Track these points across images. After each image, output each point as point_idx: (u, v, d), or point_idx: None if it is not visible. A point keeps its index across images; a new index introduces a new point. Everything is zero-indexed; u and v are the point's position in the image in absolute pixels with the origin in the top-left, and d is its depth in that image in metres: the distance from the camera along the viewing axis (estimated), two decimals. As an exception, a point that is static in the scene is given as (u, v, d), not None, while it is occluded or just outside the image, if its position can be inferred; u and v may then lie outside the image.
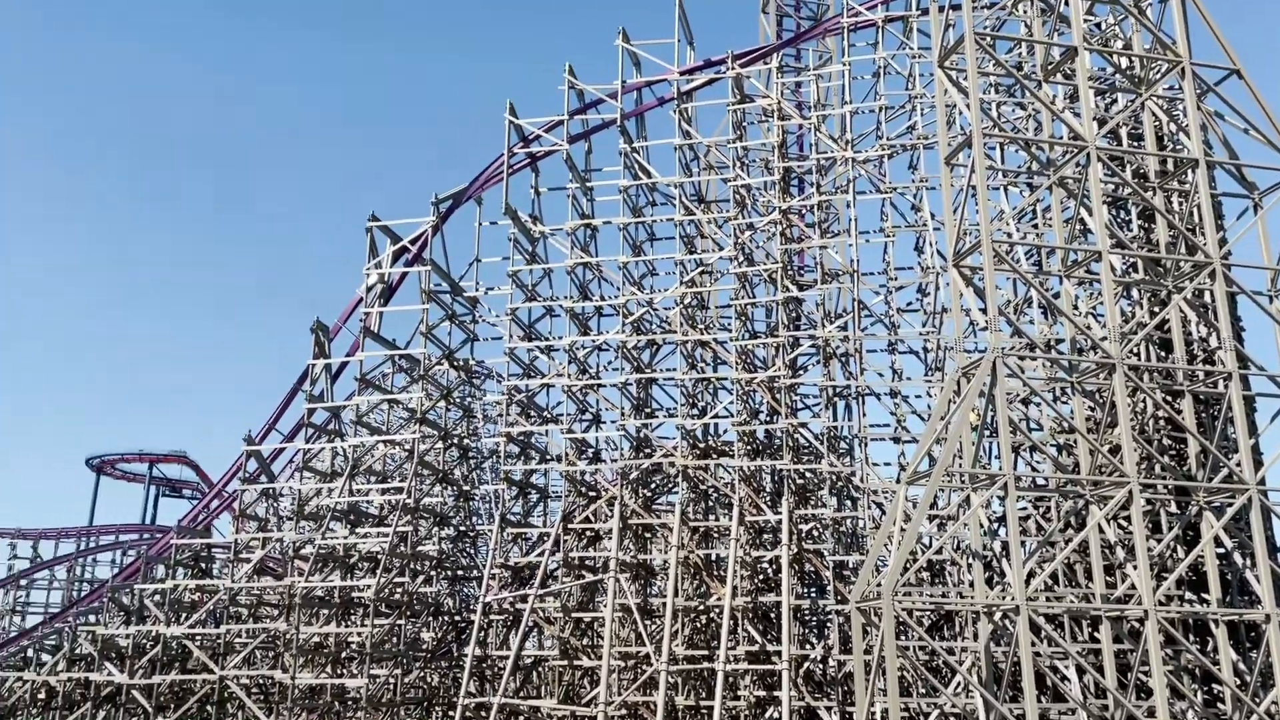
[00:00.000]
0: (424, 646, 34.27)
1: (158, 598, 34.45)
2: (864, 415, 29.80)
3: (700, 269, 32.46)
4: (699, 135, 34.24)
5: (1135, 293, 26.50)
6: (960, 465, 20.40)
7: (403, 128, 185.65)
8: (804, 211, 33.37)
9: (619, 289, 33.06)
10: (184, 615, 34.83)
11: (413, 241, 36.17)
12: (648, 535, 32.74)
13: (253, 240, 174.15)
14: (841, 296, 33.01)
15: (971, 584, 27.34)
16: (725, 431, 32.83)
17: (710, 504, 32.22)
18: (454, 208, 36.68)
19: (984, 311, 20.47)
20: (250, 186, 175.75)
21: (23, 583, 58.11)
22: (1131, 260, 25.95)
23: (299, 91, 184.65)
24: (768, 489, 31.83)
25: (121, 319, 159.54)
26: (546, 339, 34.54)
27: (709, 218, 33.91)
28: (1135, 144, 27.98)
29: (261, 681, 33.59)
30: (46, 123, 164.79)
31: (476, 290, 36.85)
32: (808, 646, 29.84)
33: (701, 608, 30.02)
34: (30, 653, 39.31)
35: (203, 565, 37.32)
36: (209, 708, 32.19)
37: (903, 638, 22.63)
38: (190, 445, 74.43)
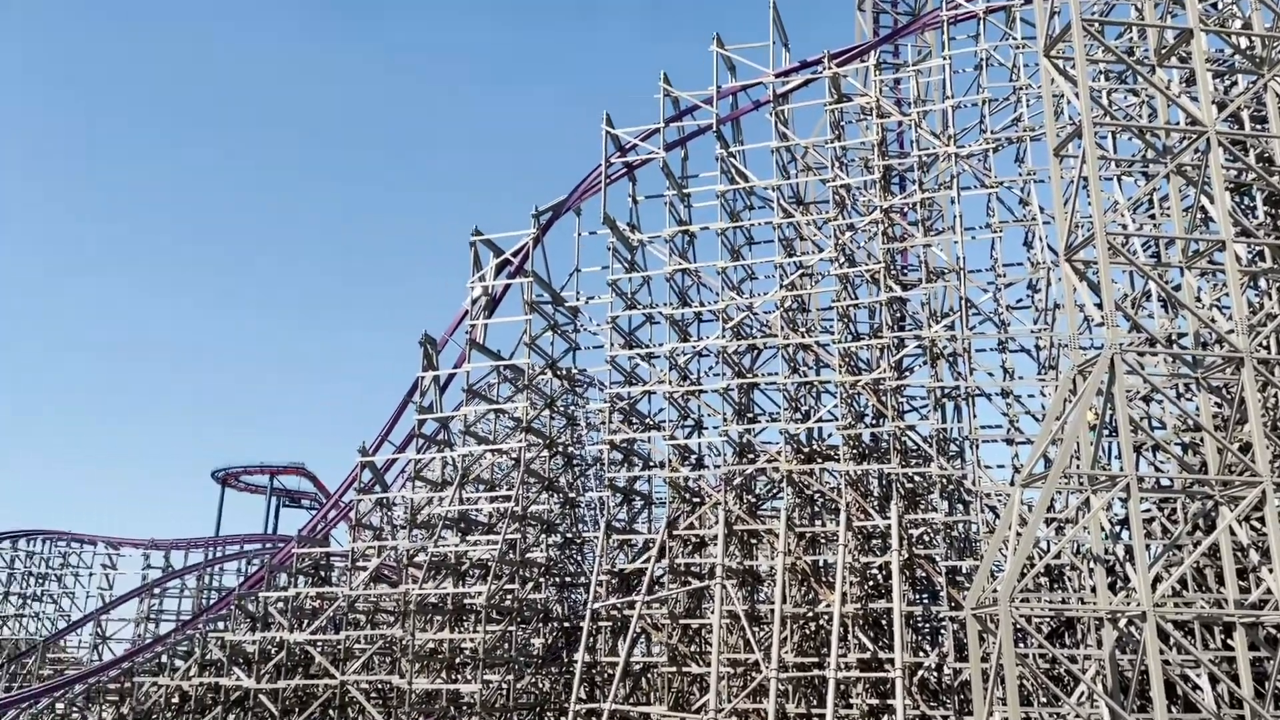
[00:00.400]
0: (535, 652, 34.76)
1: (281, 605, 35.80)
2: (974, 416, 29.01)
3: (800, 271, 32.18)
4: (796, 137, 33.98)
5: (1263, 282, 25.16)
6: (1078, 466, 19.70)
7: (502, 141, 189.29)
8: (906, 210, 32.74)
9: (718, 294, 33.04)
10: (306, 622, 36.14)
11: (514, 254, 36.84)
12: (753, 541, 32.54)
13: (364, 255, 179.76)
14: (948, 295, 32.28)
15: (1093, 589, 26.38)
16: (830, 435, 32.44)
17: (816, 509, 31.86)
18: (554, 219, 37.25)
19: (1099, 306, 19.71)
20: (365, 201, 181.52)
21: (156, 591, 61.13)
22: (1258, 248, 24.66)
23: (405, 109, 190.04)
24: (875, 493, 31.30)
25: (242, 336, 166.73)
26: (647, 346, 34.72)
27: (808, 220, 33.60)
28: (1258, 127, 26.59)
29: (380, 686, 34.57)
30: (186, 151, 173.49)
31: (577, 300, 37.34)
32: (921, 654, 29.21)
33: (810, 614, 29.68)
34: (164, 658, 41.24)
35: (322, 573, 38.63)
36: (331, 712, 33.29)
37: (1021, 645, 21.94)
38: (308, 457, 77.22)
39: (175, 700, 37.36)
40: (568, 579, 38.39)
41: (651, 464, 35.84)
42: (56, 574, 63.88)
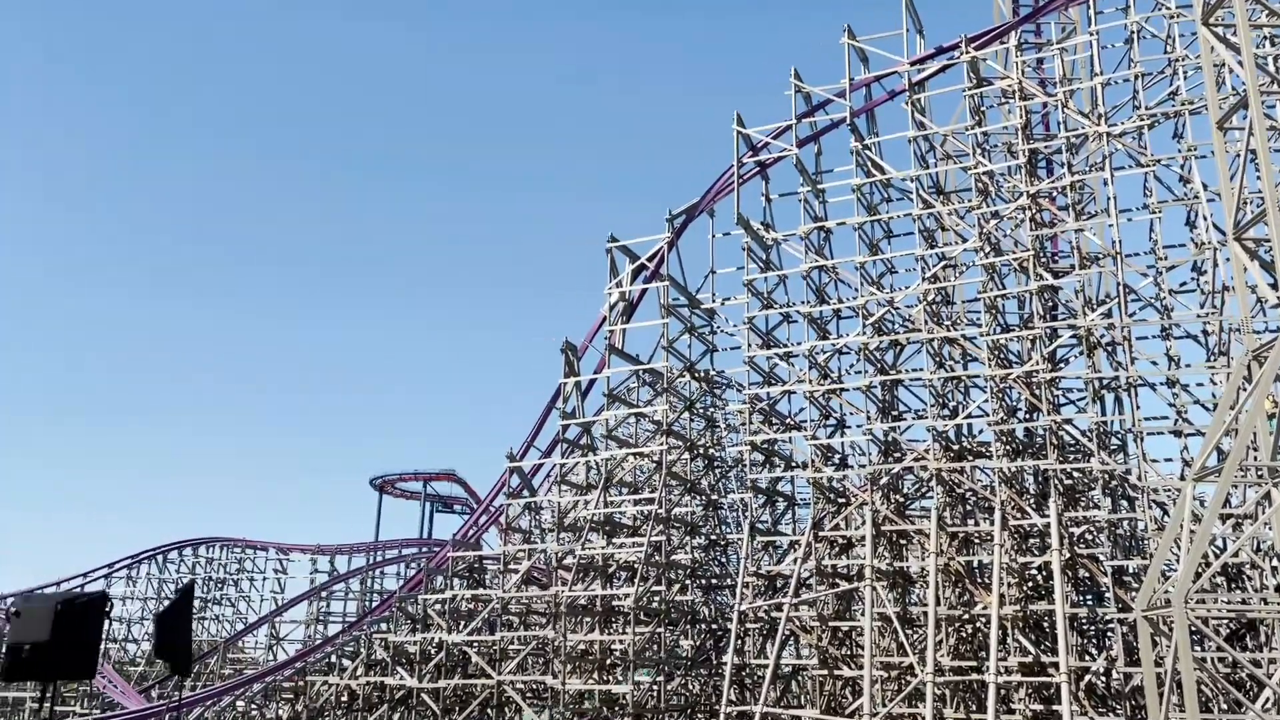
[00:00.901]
0: (684, 654, 34.91)
1: (439, 607, 37.14)
2: (1137, 408, 27.46)
3: (943, 263, 31.24)
4: (934, 125, 33.02)
5: None
6: (1255, 458, 18.43)
7: (634, 143, 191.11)
8: (1054, 194, 31.32)
9: (857, 290, 32.39)
10: (462, 623, 37.40)
11: (650, 258, 37.16)
12: (903, 542, 31.75)
13: (506, 263, 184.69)
14: (1103, 281, 30.74)
15: (1277, 588, 24.56)
16: (981, 432, 31.34)
17: (969, 508, 30.84)
18: (687, 222, 37.39)
19: (1274, 287, 18.42)
20: (502, 208, 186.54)
21: (323, 594, 64.50)
22: None
23: (540, 124, 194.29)
24: (1031, 491, 30.07)
25: (393, 348, 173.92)
26: (785, 345, 34.37)
27: (949, 209, 32.57)
28: None
29: (535, 686, 35.40)
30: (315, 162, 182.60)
31: (713, 301, 37.35)
32: (1087, 658, 27.88)
33: (966, 616, 28.75)
34: (333, 658, 43.40)
35: (476, 576, 39.88)
36: (489, 711, 34.32)
37: (1198, 648, 20.68)
38: (457, 463, 79.90)
39: (345, 699, 39.25)
40: (713, 581, 38.40)
41: (794, 464, 35.44)
42: (234, 578, 68.08)
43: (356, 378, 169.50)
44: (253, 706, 45.40)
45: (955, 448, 30.64)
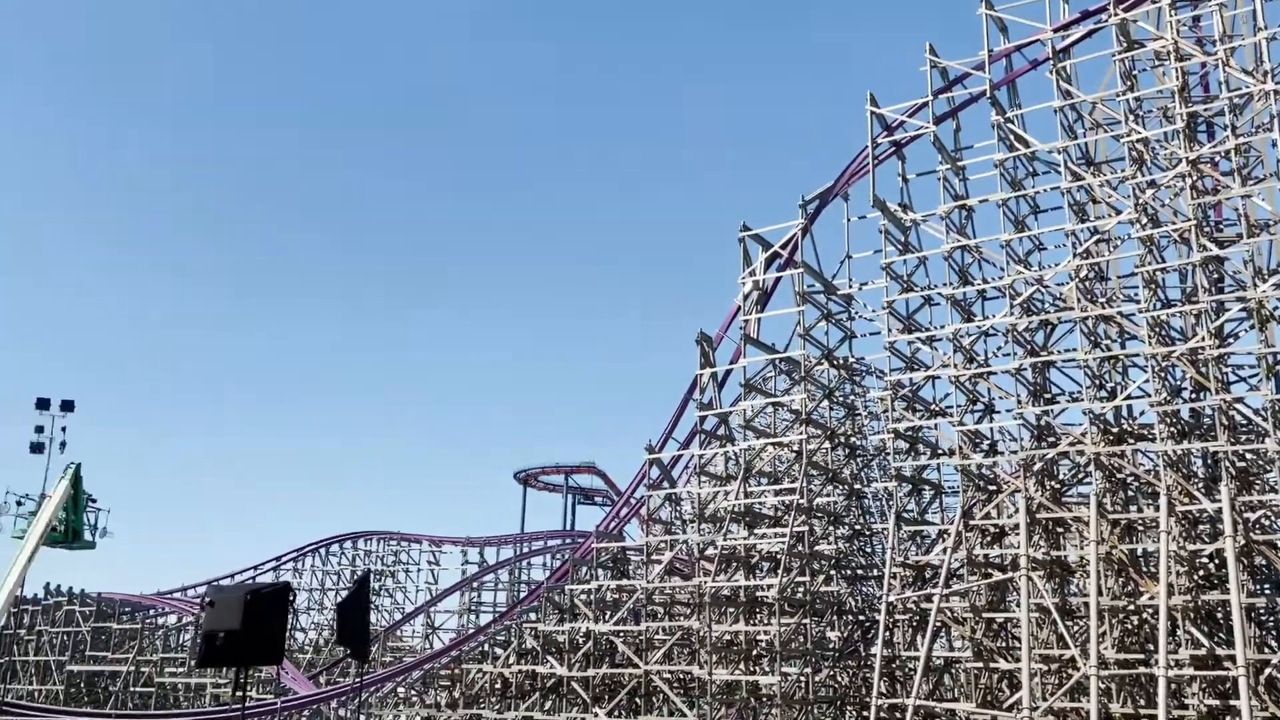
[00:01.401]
0: (831, 645, 34.52)
1: (585, 597, 37.88)
2: (1318, 384, 25.55)
3: (1096, 238, 29.75)
4: (1081, 93, 31.46)
5: None
6: None
7: (766, 132, 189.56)
8: (1217, 159, 29.36)
9: (1002, 269, 31.21)
10: (608, 613, 38.03)
11: (783, 246, 36.82)
12: (1059, 530, 30.46)
13: (637, 254, 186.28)
14: (1275, 249, 28.66)
15: None
16: (1142, 413, 29.67)
17: (1131, 493, 29.33)
18: (821, 207, 36.89)
19: None
20: (634, 200, 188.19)
21: (474, 585, 66.71)
22: None
23: (669, 116, 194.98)
24: (1200, 474, 28.37)
25: (531, 342, 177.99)
26: (927, 329, 33.44)
27: (1101, 181, 30.94)
28: None
29: (681, 676, 35.68)
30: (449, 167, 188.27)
31: (850, 287, 36.76)
32: (1268, 650, 26.15)
33: (1131, 607, 27.37)
34: (486, 647, 44.84)
35: (620, 567, 40.46)
36: (637, 700, 34.80)
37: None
38: (597, 455, 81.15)
39: (498, 686, 40.51)
40: (859, 572, 37.82)
41: (940, 451, 34.46)
42: (390, 570, 71.07)
43: (496, 373, 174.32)
44: (412, 692, 47.37)
45: (1114, 430, 29.16)
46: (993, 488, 30.72)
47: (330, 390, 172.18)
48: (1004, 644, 29.97)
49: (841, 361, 36.89)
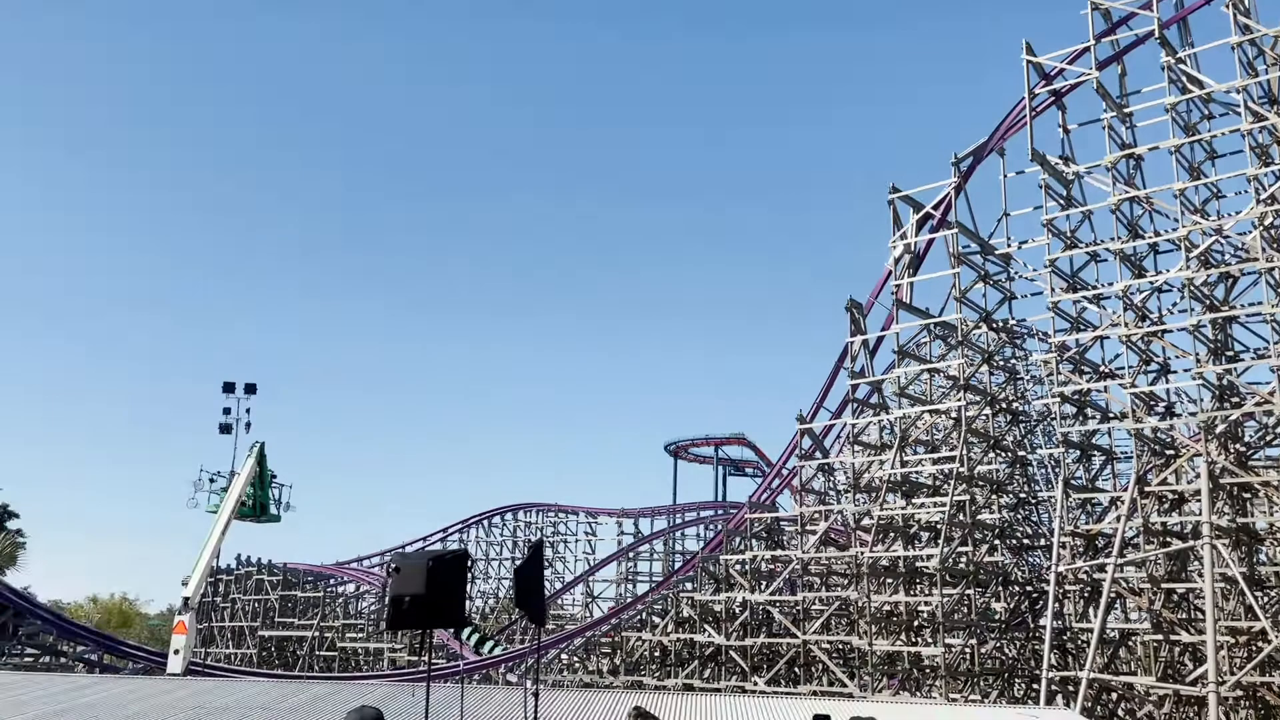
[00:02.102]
0: (997, 617, 33.60)
1: (740, 567, 38.08)
2: None
3: (1282, 182, 27.60)
4: (1262, 27, 29.12)
5: None
6: None
7: (912, 88, 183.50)
8: None
9: (1177, 220, 29.35)
10: (763, 583, 38.12)
11: (935, 206, 35.72)
12: (1246, 495, 28.62)
13: (783, 221, 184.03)
14: None
15: None
16: (1339, 369, 27.48)
17: (1327, 456, 27.26)
18: (975, 164, 35.57)
19: None
20: (776, 165, 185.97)
21: (631, 555, 67.99)
22: None
23: (812, 77, 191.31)
24: None
25: (676, 311, 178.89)
26: (1094, 287, 31.81)
27: (1287, 120, 28.65)
28: None
29: (840, 646, 35.46)
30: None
31: (1008, 246, 35.35)
32: None
33: (1329, 577, 25.53)
34: (644, 615, 45.69)
35: (774, 537, 40.45)
36: (796, 669, 34.82)
37: None
38: (747, 427, 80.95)
39: (657, 654, 41.27)
40: (1025, 541, 36.56)
41: (1110, 415, 32.83)
42: (550, 540, 73.18)
43: (644, 341, 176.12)
44: (574, 658, 48.81)
45: (1307, 389, 27.10)
46: (1170, 452, 29.09)
47: (490, 373, 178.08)
48: (1185, 616, 28.47)
49: (1001, 324, 35.56)
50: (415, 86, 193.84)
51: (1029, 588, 35.15)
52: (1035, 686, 29.61)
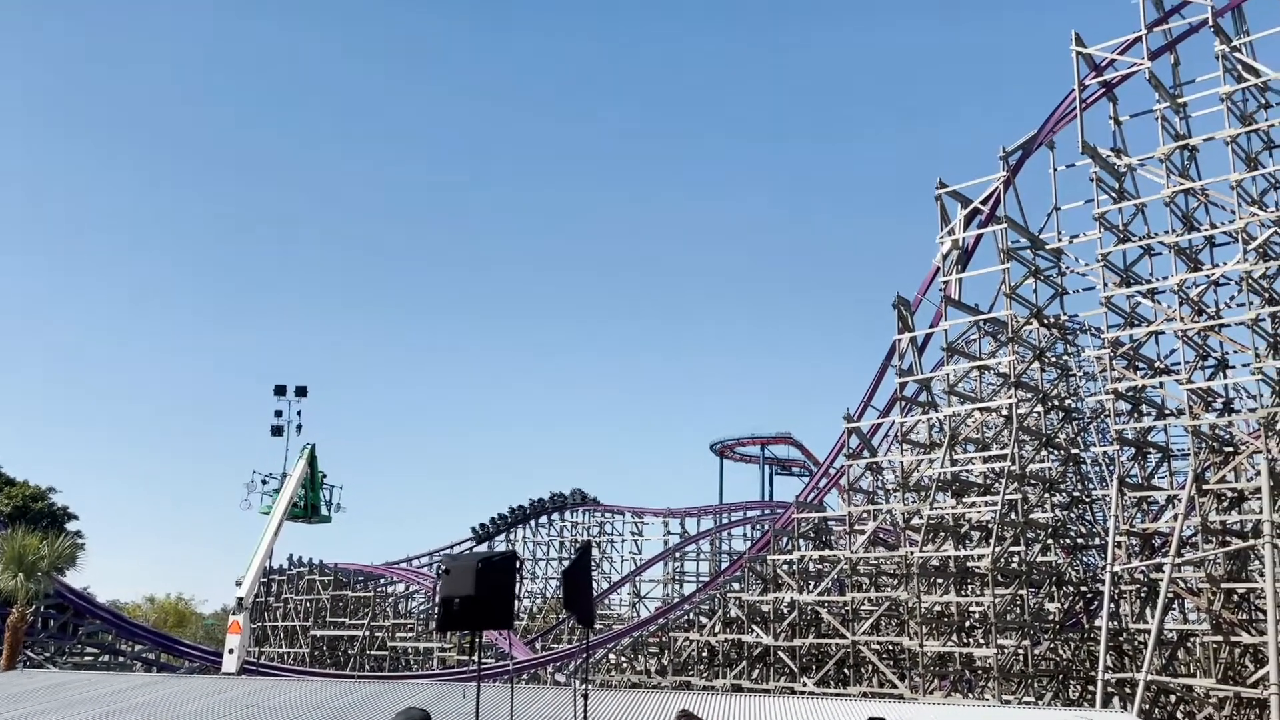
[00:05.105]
0: (1050, 617, 33.05)
1: (787, 567, 37.86)
2: None
3: (1344, 171, 26.86)
4: (1322, 11, 28.37)
5: None
6: None
7: (960, 82, 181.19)
8: None
9: (1234, 212, 28.66)
10: (811, 583, 37.86)
11: (984, 201, 35.24)
12: (1309, 493, 27.83)
13: (829, 217, 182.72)
14: None
15: None
16: (1407, 363, 26.68)
17: (1395, 452, 26.42)
18: (1024, 158, 35.07)
19: None
20: (825, 161, 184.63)
21: (677, 555, 67.89)
22: None
23: (861, 74, 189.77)
24: None
25: (722, 312, 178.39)
26: (1148, 281, 31.20)
27: (1349, 107, 27.89)
28: None
29: (890, 647, 35.12)
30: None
31: (1059, 240, 34.80)
32: None
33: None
34: (691, 615, 45.65)
35: (822, 537, 40.17)
36: (845, 670, 34.54)
37: None
38: (792, 426, 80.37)
39: (705, 654, 41.20)
40: (1079, 541, 35.92)
41: (1167, 412, 32.13)
42: (596, 540, 73.37)
43: (688, 343, 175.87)
44: (622, 658, 48.89)
45: (1373, 383, 26.35)
46: (1229, 449, 28.42)
47: (535, 374, 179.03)
48: (1246, 616, 27.79)
49: (1052, 320, 34.98)
50: (471, 88, 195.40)
51: (1084, 588, 34.54)
52: (1091, 688, 29.07)
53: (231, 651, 34.26)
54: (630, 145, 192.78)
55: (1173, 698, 29.04)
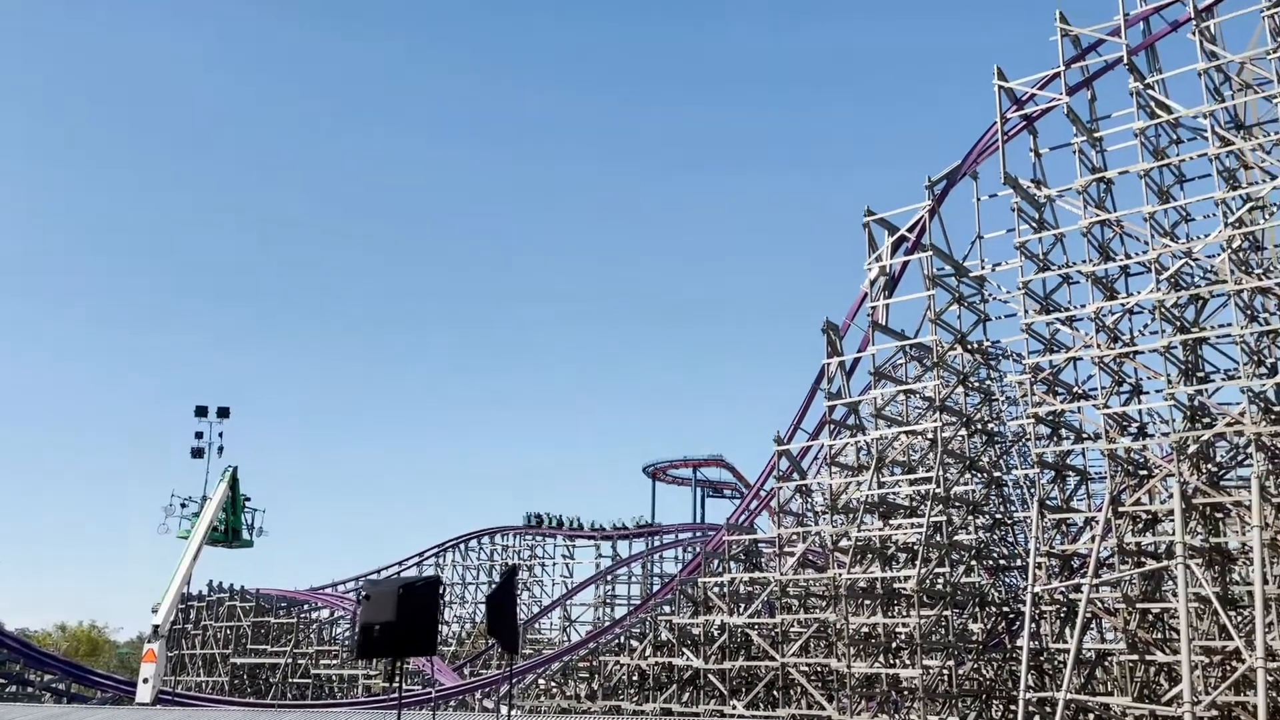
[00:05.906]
0: (974, 638, 33.62)
1: (718, 589, 37.93)
2: None
3: (1250, 205, 28.02)
4: (1228, 54, 29.65)
5: None
6: None
7: (887, 113, 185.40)
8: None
9: (1147, 243, 29.71)
10: (742, 605, 37.97)
11: (910, 229, 35.97)
12: (1218, 515, 28.86)
13: (758, 243, 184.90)
14: None
15: None
16: (1307, 390, 27.83)
17: (1297, 475, 27.51)
18: (948, 188, 35.87)
19: None
20: (754, 188, 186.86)
21: (609, 578, 67.58)
22: None
23: (789, 102, 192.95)
24: (1377, 453, 26.39)
25: (651, 337, 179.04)
26: (1066, 309, 32.11)
27: (1252, 145, 29.10)
28: None
29: (819, 669, 35.35)
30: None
31: (982, 268, 35.60)
32: None
33: (1302, 596, 25.69)
34: (622, 639, 45.41)
35: (752, 559, 40.37)
36: (775, 692, 34.64)
37: None
38: (725, 448, 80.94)
39: (636, 678, 40.98)
40: (1001, 562, 36.66)
41: (1084, 436, 33.05)
42: (526, 564, 72.70)
43: (621, 367, 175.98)
44: (552, 683, 48.38)
45: (1276, 409, 27.44)
46: (1143, 472, 29.31)
47: (463, 395, 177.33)
48: (1161, 635, 28.59)
49: (975, 346, 35.79)
50: (406, 86, 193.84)
51: (1006, 608, 35.23)
52: (1013, 708, 29.63)
53: (146, 681, 33.17)
54: (540, 174, 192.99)
55: (1091, 716, 29.70)
